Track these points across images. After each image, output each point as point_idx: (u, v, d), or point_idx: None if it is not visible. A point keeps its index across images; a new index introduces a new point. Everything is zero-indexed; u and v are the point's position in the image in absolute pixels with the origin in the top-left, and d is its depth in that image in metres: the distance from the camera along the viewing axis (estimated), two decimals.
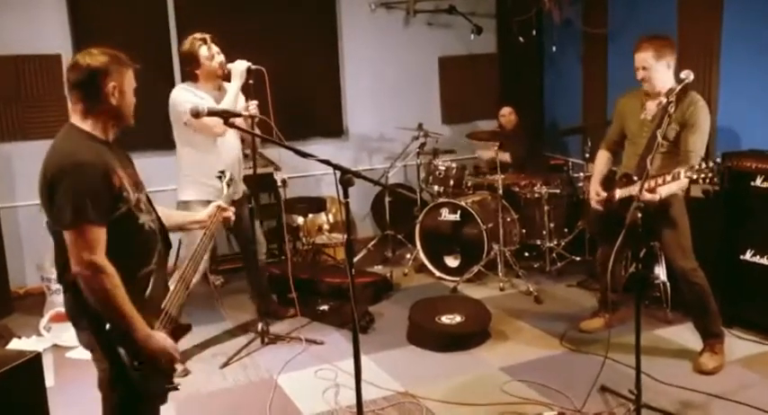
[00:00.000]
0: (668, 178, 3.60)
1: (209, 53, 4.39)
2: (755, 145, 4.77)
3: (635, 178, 3.95)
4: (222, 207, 3.06)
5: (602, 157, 4.45)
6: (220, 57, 4.43)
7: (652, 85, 4.00)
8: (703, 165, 3.34)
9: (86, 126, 2.45)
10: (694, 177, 3.38)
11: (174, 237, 2.84)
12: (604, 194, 4.25)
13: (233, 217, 3.14)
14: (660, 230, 4.05)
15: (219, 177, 3.47)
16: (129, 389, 2.41)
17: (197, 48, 4.36)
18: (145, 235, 2.51)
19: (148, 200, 2.60)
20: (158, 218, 2.63)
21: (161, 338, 2.44)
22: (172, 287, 2.66)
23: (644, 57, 3.95)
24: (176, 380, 2.64)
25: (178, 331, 2.63)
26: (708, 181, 3.35)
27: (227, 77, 4.45)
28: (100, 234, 2.30)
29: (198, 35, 4.40)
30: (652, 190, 3.64)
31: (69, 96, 2.48)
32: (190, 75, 4.47)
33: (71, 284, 2.35)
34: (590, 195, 4.37)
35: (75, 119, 2.47)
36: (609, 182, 4.30)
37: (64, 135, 2.47)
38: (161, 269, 2.61)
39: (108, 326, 2.32)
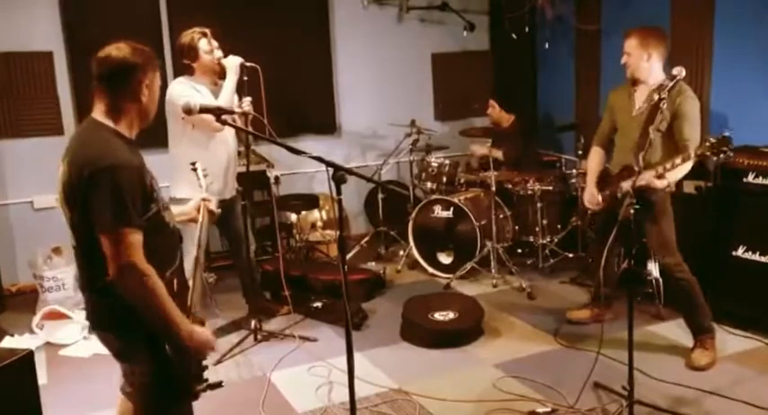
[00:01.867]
0: (677, 161, 3.65)
1: (209, 47, 4.40)
2: (748, 142, 4.79)
3: (636, 168, 3.94)
4: (205, 199, 3.02)
5: (597, 155, 4.45)
6: (219, 53, 4.43)
7: (632, 72, 4.09)
8: (712, 140, 3.40)
9: (113, 123, 2.37)
10: (708, 153, 3.43)
11: None
12: (599, 198, 4.26)
13: (216, 210, 3.09)
14: (644, 226, 4.06)
15: (194, 169, 3.38)
16: (170, 387, 2.42)
17: (197, 40, 4.38)
18: (171, 235, 2.50)
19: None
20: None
21: (202, 331, 2.44)
22: (190, 283, 2.66)
23: (628, 43, 4.06)
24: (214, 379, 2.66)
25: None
26: (723, 154, 3.39)
27: (221, 74, 4.44)
28: (138, 238, 2.24)
29: (198, 29, 4.41)
30: (660, 176, 3.68)
31: (96, 90, 2.38)
32: (186, 68, 4.45)
33: (101, 289, 2.29)
34: (586, 197, 4.37)
35: (99, 114, 2.38)
36: (602, 180, 4.32)
37: (92, 132, 2.38)
38: (181, 266, 2.60)
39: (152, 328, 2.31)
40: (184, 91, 4.28)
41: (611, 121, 4.35)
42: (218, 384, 2.65)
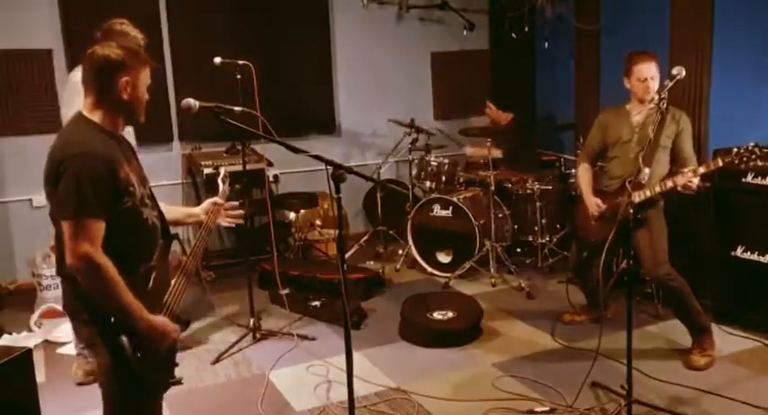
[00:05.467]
0: (702, 169, 3.73)
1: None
2: (747, 142, 4.78)
3: (643, 182, 3.92)
4: (218, 203, 3.06)
5: (587, 171, 4.45)
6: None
7: (651, 95, 4.04)
8: (741, 149, 3.55)
9: (96, 117, 2.45)
10: (736, 161, 3.57)
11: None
12: (604, 205, 4.22)
13: (236, 213, 3.11)
14: (634, 233, 3.99)
15: (216, 174, 3.45)
16: (131, 382, 2.41)
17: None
18: (148, 230, 2.51)
19: (151, 195, 2.60)
20: (160, 213, 2.63)
21: (161, 322, 2.43)
22: (173, 282, 2.66)
23: (652, 67, 4.05)
24: (177, 374, 2.64)
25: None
26: (751, 161, 3.57)
27: None
28: (99, 228, 2.28)
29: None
30: (686, 186, 3.79)
31: (83, 86, 2.47)
32: None
33: (70, 276, 2.33)
34: (592, 208, 4.28)
35: (86, 109, 2.47)
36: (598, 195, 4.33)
37: (73, 124, 2.47)
38: (162, 263, 2.60)
39: (112, 319, 2.31)
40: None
41: (602, 140, 4.36)
42: (178, 381, 2.64)
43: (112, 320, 2.32)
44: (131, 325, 2.33)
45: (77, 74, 3.84)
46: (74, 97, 4.02)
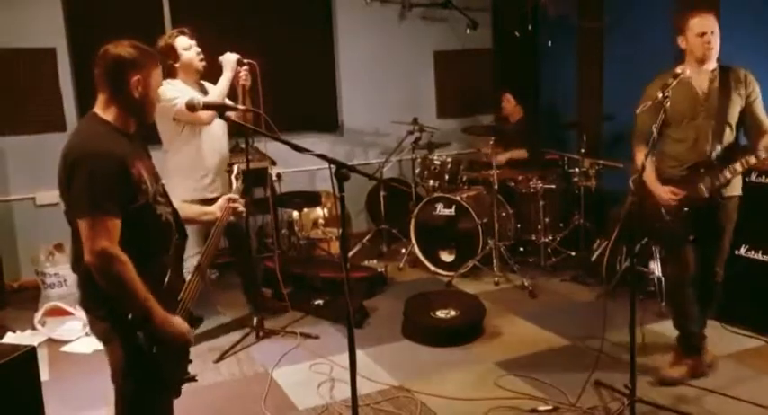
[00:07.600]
0: None
1: (187, 43, 4.35)
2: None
3: (702, 169, 3.63)
4: (232, 199, 3.07)
5: (649, 161, 3.58)
6: (197, 49, 4.39)
7: (715, 52, 3.61)
8: None
9: (108, 116, 2.47)
10: None
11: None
12: (681, 193, 3.68)
13: (242, 209, 3.13)
14: (717, 229, 3.75)
15: (228, 171, 3.49)
16: (146, 379, 2.42)
17: (174, 39, 4.32)
18: (162, 227, 2.53)
19: (164, 192, 2.61)
20: (174, 210, 2.65)
21: (178, 321, 2.46)
22: (187, 279, 2.67)
23: (712, 22, 3.61)
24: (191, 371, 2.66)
25: (191, 323, 2.63)
26: None
27: (203, 74, 4.45)
28: (115, 225, 2.30)
29: (175, 30, 4.40)
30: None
31: (97, 84, 2.49)
32: (169, 71, 4.32)
33: (87, 273, 2.34)
34: (664, 199, 3.70)
35: (99, 108, 2.49)
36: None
37: (86, 123, 2.49)
38: (176, 260, 2.63)
39: (130, 316, 2.33)
40: (171, 92, 4.22)
41: (656, 117, 3.48)
42: (192, 378, 2.66)
43: (129, 317, 2.33)
44: (148, 320, 2.35)
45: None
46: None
